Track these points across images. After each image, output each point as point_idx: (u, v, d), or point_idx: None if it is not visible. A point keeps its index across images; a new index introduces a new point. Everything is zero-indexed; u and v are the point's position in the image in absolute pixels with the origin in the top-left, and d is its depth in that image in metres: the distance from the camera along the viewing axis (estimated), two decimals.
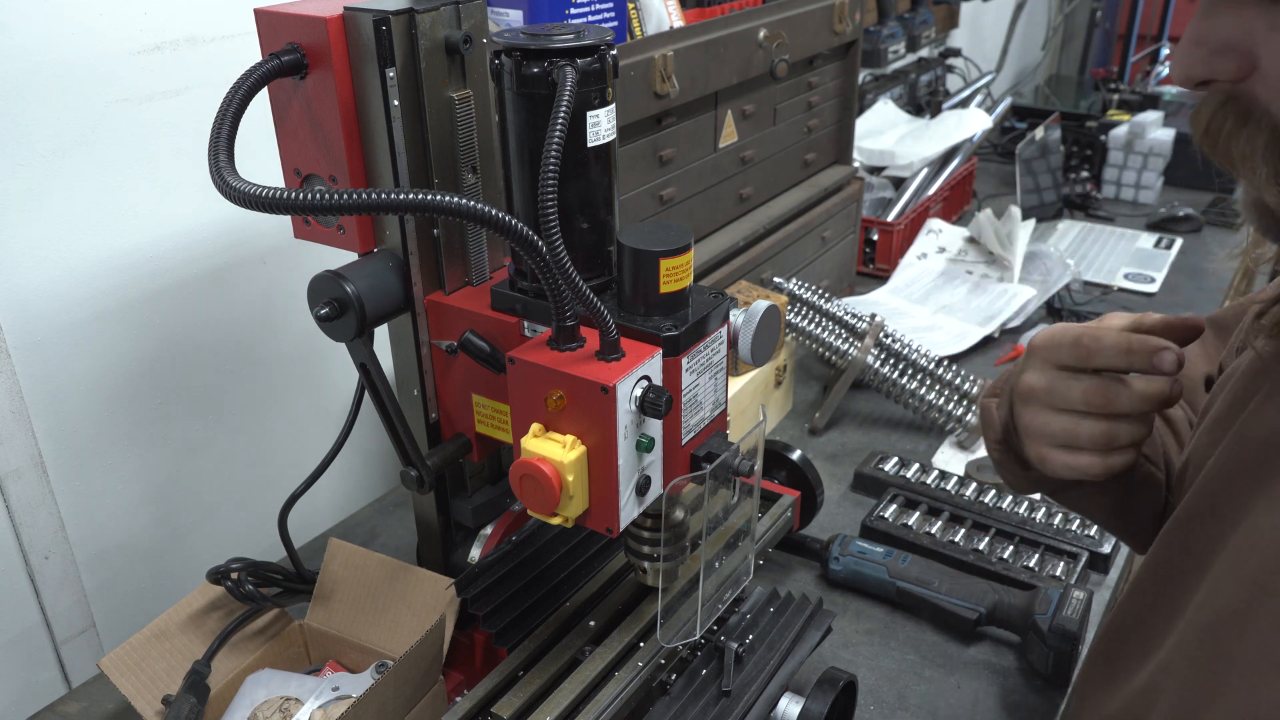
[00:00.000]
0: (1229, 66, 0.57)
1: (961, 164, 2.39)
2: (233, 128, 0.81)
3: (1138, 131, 2.55)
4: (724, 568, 1.06)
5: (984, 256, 2.12)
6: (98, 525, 1.22)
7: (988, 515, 1.34)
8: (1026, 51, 3.88)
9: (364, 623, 1.07)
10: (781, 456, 1.28)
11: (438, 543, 1.08)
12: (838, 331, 1.62)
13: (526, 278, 0.89)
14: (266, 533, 1.24)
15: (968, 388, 1.58)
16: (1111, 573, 1.28)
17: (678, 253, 0.83)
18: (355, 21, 0.84)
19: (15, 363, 1.09)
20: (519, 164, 0.86)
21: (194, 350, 1.28)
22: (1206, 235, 2.40)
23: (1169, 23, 3.91)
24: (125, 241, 1.17)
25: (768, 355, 0.95)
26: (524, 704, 0.91)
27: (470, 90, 0.92)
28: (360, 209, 0.71)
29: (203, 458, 1.33)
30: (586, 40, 0.82)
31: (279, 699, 1.01)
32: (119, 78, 1.12)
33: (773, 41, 1.57)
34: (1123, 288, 2.11)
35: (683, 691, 0.98)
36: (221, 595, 1.06)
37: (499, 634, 0.98)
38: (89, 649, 1.23)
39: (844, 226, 1.98)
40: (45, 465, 1.14)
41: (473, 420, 0.99)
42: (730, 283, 1.59)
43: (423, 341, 0.98)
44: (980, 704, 1.10)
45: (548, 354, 0.83)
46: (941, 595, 1.18)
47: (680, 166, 1.50)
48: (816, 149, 1.89)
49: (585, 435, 0.82)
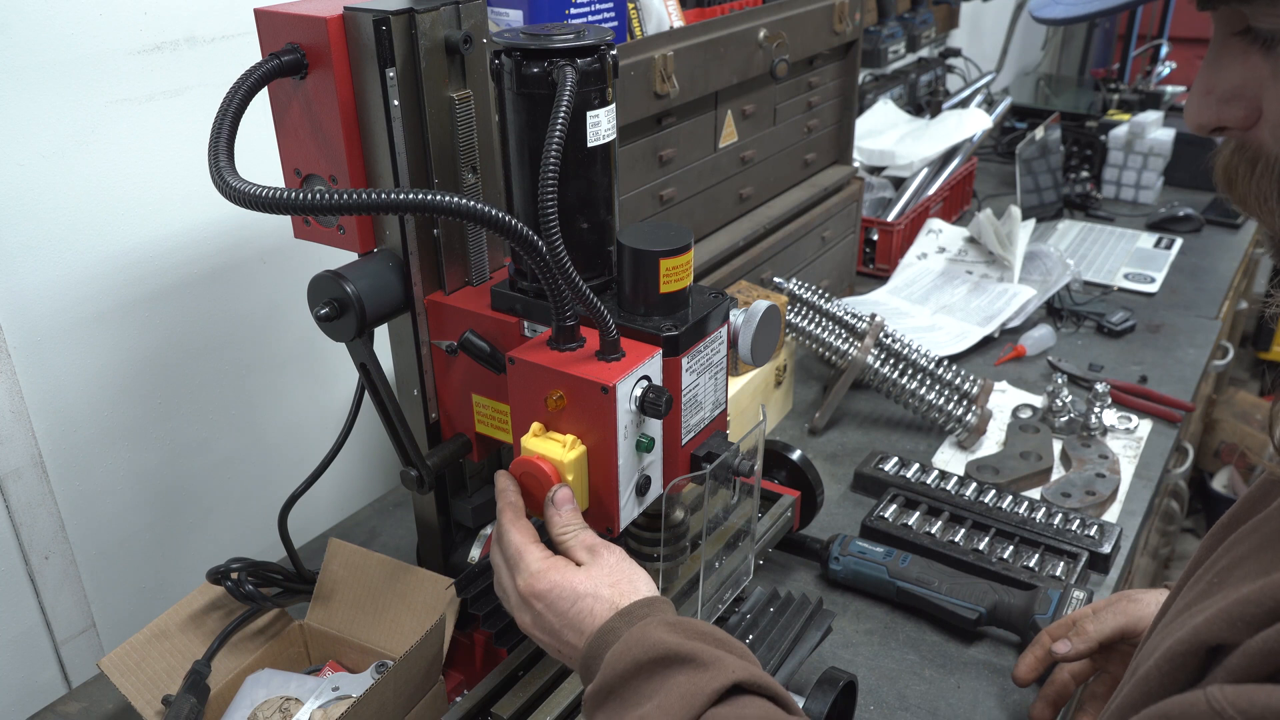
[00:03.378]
0: (1237, 114, 0.59)
1: (961, 164, 2.39)
2: (233, 128, 0.81)
3: (1138, 131, 2.55)
4: (724, 568, 1.06)
5: (984, 256, 2.12)
6: (98, 525, 1.22)
7: (988, 515, 1.34)
8: (1026, 51, 3.88)
9: (364, 623, 1.07)
10: (781, 456, 1.28)
11: (438, 543, 1.08)
12: (838, 331, 1.62)
13: (526, 278, 0.89)
14: (266, 533, 1.24)
15: (968, 388, 1.58)
16: (1111, 573, 1.28)
17: (678, 253, 0.83)
18: (355, 21, 0.84)
19: (15, 363, 1.09)
20: (519, 164, 0.86)
21: (194, 350, 1.28)
22: (1206, 235, 2.40)
23: (1169, 23, 3.91)
24: (125, 241, 1.17)
25: (768, 355, 0.95)
26: (524, 704, 0.91)
27: (470, 90, 0.92)
28: (360, 209, 0.71)
29: (203, 458, 1.33)
30: (586, 40, 0.82)
31: (279, 699, 1.01)
32: (119, 78, 1.12)
33: (773, 41, 1.57)
34: (1123, 288, 2.11)
35: None
36: (221, 595, 1.06)
37: (499, 634, 0.98)
38: (89, 649, 1.23)
39: (844, 226, 1.98)
40: (45, 465, 1.14)
41: (473, 420, 0.99)
42: (730, 283, 1.59)
43: (423, 341, 0.98)
44: (980, 704, 1.10)
45: (548, 354, 0.83)
46: (941, 595, 1.18)
47: (680, 166, 1.50)
48: (816, 149, 1.89)
49: (585, 435, 0.82)
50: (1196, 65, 0.64)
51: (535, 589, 0.79)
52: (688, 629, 0.74)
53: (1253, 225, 2.47)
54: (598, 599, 0.78)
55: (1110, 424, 1.59)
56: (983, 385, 1.59)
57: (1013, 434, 1.57)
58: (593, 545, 0.82)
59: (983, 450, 1.56)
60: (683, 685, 0.70)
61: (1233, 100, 0.59)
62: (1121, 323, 1.92)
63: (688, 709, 0.68)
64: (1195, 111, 0.61)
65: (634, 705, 0.71)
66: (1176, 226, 2.41)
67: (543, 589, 0.79)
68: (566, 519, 0.83)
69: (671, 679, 0.71)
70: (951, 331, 1.88)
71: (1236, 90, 0.59)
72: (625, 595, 0.78)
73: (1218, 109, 0.60)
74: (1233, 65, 0.59)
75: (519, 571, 0.81)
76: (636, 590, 0.79)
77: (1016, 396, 1.70)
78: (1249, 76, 0.58)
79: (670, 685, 0.70)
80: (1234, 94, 0.59)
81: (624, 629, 0.75)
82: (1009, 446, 1.54)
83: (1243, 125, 0.59)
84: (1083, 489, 1.42)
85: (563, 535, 0.83)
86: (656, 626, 0.74)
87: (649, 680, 0.71)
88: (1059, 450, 1.54)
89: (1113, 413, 1.62)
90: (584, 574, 0.79)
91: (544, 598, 0.79)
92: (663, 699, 0.69)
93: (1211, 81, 0.60)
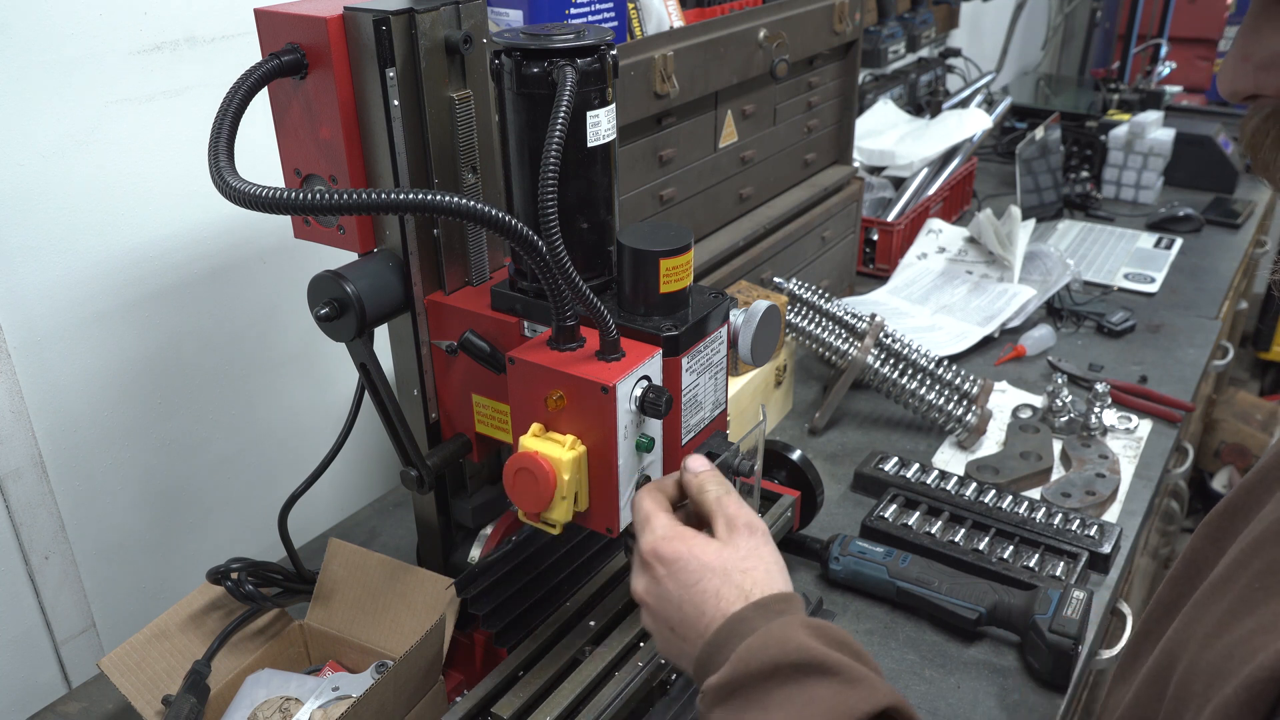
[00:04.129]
0: (1273, 82, 0.60)
1: (961, 164, 2.39)
2: (233, 128, 0.81)
3: (1138, 131, 2.55)
4: None
5: (984, 256, 2.12)
6: (98, 525, 1.22)
7: (988, 515, 1.34)
8: (1026, 51, 3.88)
9: (364, 623, 1.07)
10: (781, 456, 1.28)
11: (438, 543, 1.08)
12: (838, 331, 1.62)
13: (526, 278, 0.89)
14: (266, 533, 1.24)
15: (968, 388, 1.58)
16: (1111, 573, 1.28)
17: (678, 253, 0.83)
18: (355, 21, 0.84)
19: (15, 363, 1.09)
20: (519, 164, 0.86)
21: (194, 350, 1.28)
22: (1206, 235, 2.40)
23: (1169, 22, 3.90)
24: (125, 241, 1.17)
25: (768, 355, 0.95)
26: (524, 704, 0.91)
27: (470, 90, 0.92)
28: (360, 209, 0.71)
29: (203, 458, 1.33)
30: (586, 40, 0.82)
31: (279, 699, 1.01)
32: (119, 78, 1.12)
33: (773, 41, 1.57)
34: (1123, 287, 2.11)
35: (683, 691, 0.98)
36: (221, 595, 1.06)
37: (499, 634, 0.98)
38: (89, 649, 1.23)
39: (844, 226, 1.98)
40: (45, 465, 1.14)
41: (473, 420, 0.99)
42: (730, 283, 1.59)
43: (423, 341, 0.98)
44: (980, 704, 1.10)
45: (548, 354, 0.83)
46: (941, 595, 1.18)
47: (680, 166, 1.50)
48: (816, 149, 1.89)
49: (585, 435, 0.82)
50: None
51: (660, 552, 0.73)
52: (830, 636, 0.68)
53: (1253, 225, 2.47)
54: (727, 581, 0.71)
55: (1110, 424, 1.59)
56: (983, 385, 1.59)
57: (1013, 434, 1.57)
58: (732, 519, 0.75)
59: (983, 450, 1.56)
60: (827, 700, 0.64)
61: (1270, 68, 0.59)
62: (1121, 323, 1.92)
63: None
64: (1230, 78, 0.62)
65: (763, 709, 0.65)
66: (1176, 226, 2.41)
67: (668, 554, 0.73)
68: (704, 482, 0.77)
69: (812, 690, 0.65)
70: (951, 331, 1.88)
71: (1274, 58, 0.59)
72: (759, 585, 0.71)
73: (1255, 76, 0.60)
74: (1271, 33, 0.59)
75: (644, 531, 0.76)
76: (772, 581, 0.72)
77: (1016, 396, 1.70)
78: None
79: (811, 697, 0.64)
80: (1271, 61, 0.59)
81: (761, 622, 0.68)
82: (1009, 446, 1.54)
83: (1278, 93, 0.60)
84: (1083, 489, 1.42)
85: (702, 498, 0.76)
86: (798, 628, 0.67)
87: (783, 685, 0.65)
88: (1059, 450, 1.54)
89: (1113, 413, 1.62)
90: (716, 549, 0.73)
91: (668, 564, 0.73)
92: (801, 710, 0.64)
93: (1249, 49, 0.60)
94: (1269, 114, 0.61)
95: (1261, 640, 0.55)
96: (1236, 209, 2.49)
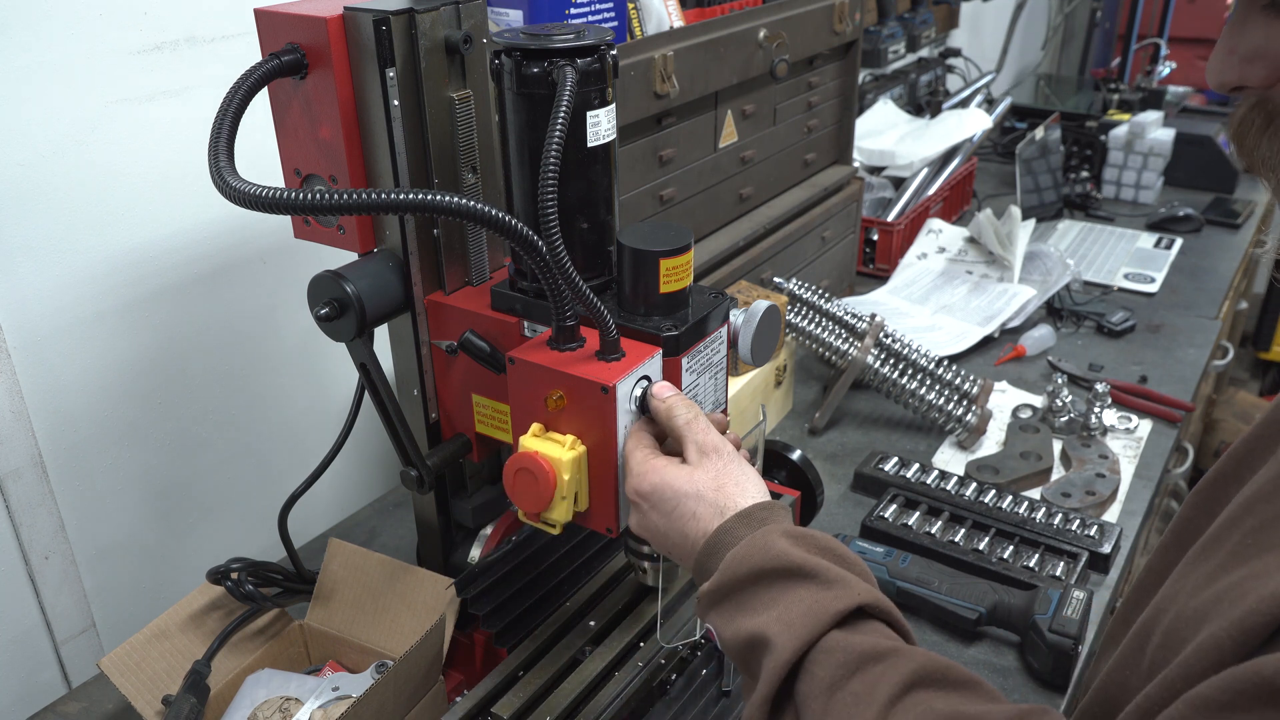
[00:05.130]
0: (1259, 73, 0.63)
1: (961, 164, 2.39)
2: (233, 128, 0.81)
3: (1138, 131, 2.55)
4: None
5: (984, 256, 2.12)
6: (98, 525, 1.22)
7: (988, 515, 1.34)
8: (1026, 51, 3.88)
9: (364, 623, 1.07)
10: (781, 456, 1.28)
11: (438, 543, 1.08)
12: (838, 331, 1.62)
13: (526, 278, 0.89)
14: (266, 533, 1.24)
15: (968, 388, 1.58)
16: (1111, 573, 1.28)
17: (678, 253, 0.83)
18: (355, 21, 0.84)
19: (15, 363, 1.09)
20: (519, 164, 0.86)
21: (194, 350, 1.28)
22: (1206, 235, 2.40)
23: (1169, 22, 3.91)
24: (125, 241, 1.17)
25: (768, 355, 0.95)
26: (524, 704, 0.91)
27: (470, 90, 0.92)
28: (360, 209, 0.71)
29: (203, 458, 1.33)
30: (586, 40, 0.82)
31: (279, 699, 1.01)
32: (119, 78, 1.12)
33: (773, 41, 1.57)
34: (1123, 287, 2.11)
35: (683, 691, 0.98)
36: (221, 595, 1.06)
37: (499, 634, 0.98)
38: (89, 649, 1.23)
39: (844, 226, 1.98)
40: (45, 465, 1.14)
41: (473, 420, 0.99)
42: (730, 283, 1.59)
43: (423, 341, 0.98)
44: None
45: (548, 354, 0.83)
46: (941, 595, 1.18)
47: (680, 166, 1.50)
48: (816, 149, 1.89)
49: (585, 435, 0.82)
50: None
51: (638, 488, 0.78)
52: (810, 542, 0.73)
53: (1253, 225, 2.47)
54: (701, 501, 0.76)
55: (1110, 424, 1.59)
56: (983, 385, 1.59)
57: (1013, 434, 1.57)
58: (701, 444, 0.79)
59: (983, 450, 1.56)
60: (805, 600, 0.69)
61: (1255, 60, 0.62)
62: (1121, 323, 1.92)
63: (810, 626, 0.67)
64: (1218, 70, 0.65)
65: (751, 611, 0.70)
66: (1176, 226, 2.41)
67: (645, 488, 0.78)
68: (671, 407, 0.81)
69: (793, 592, 0.69)
70: (951, 331, 1.88)
71: (1259, 50, 0.62)
72: (732, 498, 0.76)
73: (1240, 68, 0.63)
74: (1257, 26, 0.62)
75: (627, 475, 0.80)
76: (745, 493, 0.77)
77: (1016, 396, 1.70)
78: (1272, 37, 0.61)
79: (792, 598, 0.69)
80: (1256, 54, 0.62)
81: (745, 532, 0.73)
82: (1009, 446, 1.54)
83: (1263, 84, 0.63)
84: (1083, 489, 1.42)
85: (671, 423, 0.80)
86: (779, 536, 0.72)
87: (768, 589, 0.70)
88: (1059, 450, 1.54)
89: (1113, 413, 1.62)
90: (687, 473, 0.77)
91: (647, 496, 0.78)
92: (783, 611, 0.69)
93: (1235, 42, 0.63)
94: (1254, 104, 0.64)
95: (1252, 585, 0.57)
96: (1236, 209, 2.49)
